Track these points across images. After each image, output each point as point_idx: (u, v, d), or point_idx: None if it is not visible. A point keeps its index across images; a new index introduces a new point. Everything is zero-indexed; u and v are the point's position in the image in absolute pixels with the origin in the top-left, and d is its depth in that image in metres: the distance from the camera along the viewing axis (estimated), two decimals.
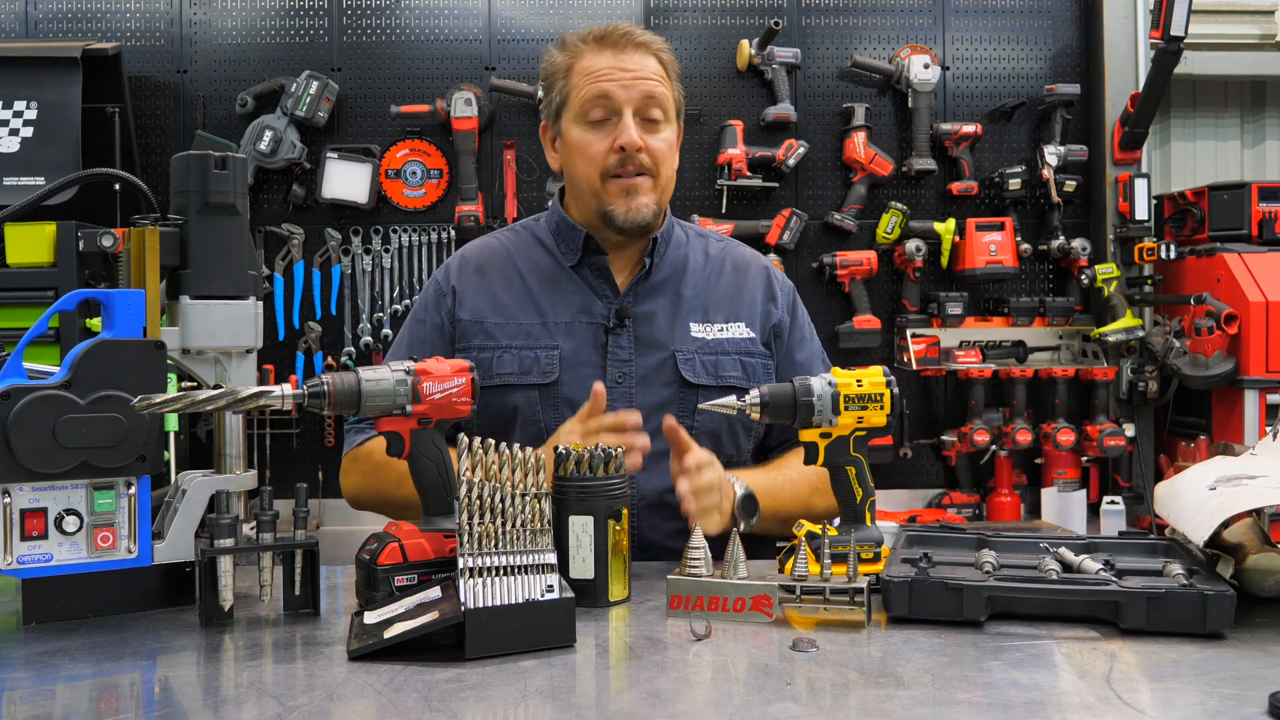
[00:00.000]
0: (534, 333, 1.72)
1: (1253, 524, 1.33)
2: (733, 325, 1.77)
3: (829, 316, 3.56)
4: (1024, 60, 3.66)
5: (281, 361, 3.40)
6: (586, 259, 1.76)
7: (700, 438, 1.68)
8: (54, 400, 1.23)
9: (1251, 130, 4.24)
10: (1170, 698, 0.99)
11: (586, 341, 1.72)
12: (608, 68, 1.67)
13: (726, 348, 1.75)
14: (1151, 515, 3.27)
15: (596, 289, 1.75)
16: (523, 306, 1.75)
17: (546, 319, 1.73)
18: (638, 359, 1.71)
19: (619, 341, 1.71)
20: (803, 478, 1.68)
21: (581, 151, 1.70)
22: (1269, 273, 3.19)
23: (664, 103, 1.70)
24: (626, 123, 1.66)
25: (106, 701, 1.02)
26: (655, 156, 1.69)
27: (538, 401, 1.69)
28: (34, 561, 1.23)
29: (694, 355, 1.72)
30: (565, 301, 1.74)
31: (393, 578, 1.26)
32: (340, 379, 1.25)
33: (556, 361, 1.70)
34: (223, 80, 3.50)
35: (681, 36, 3.57)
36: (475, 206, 3.40)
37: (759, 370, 1.77)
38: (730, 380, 1.72)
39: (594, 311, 1.73)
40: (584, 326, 1.72)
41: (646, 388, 1.70)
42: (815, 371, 1.78)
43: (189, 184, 1.35)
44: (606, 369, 1.70)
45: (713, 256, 1.84)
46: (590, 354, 1.71)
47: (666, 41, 1.76)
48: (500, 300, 1.76)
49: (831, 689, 1.02)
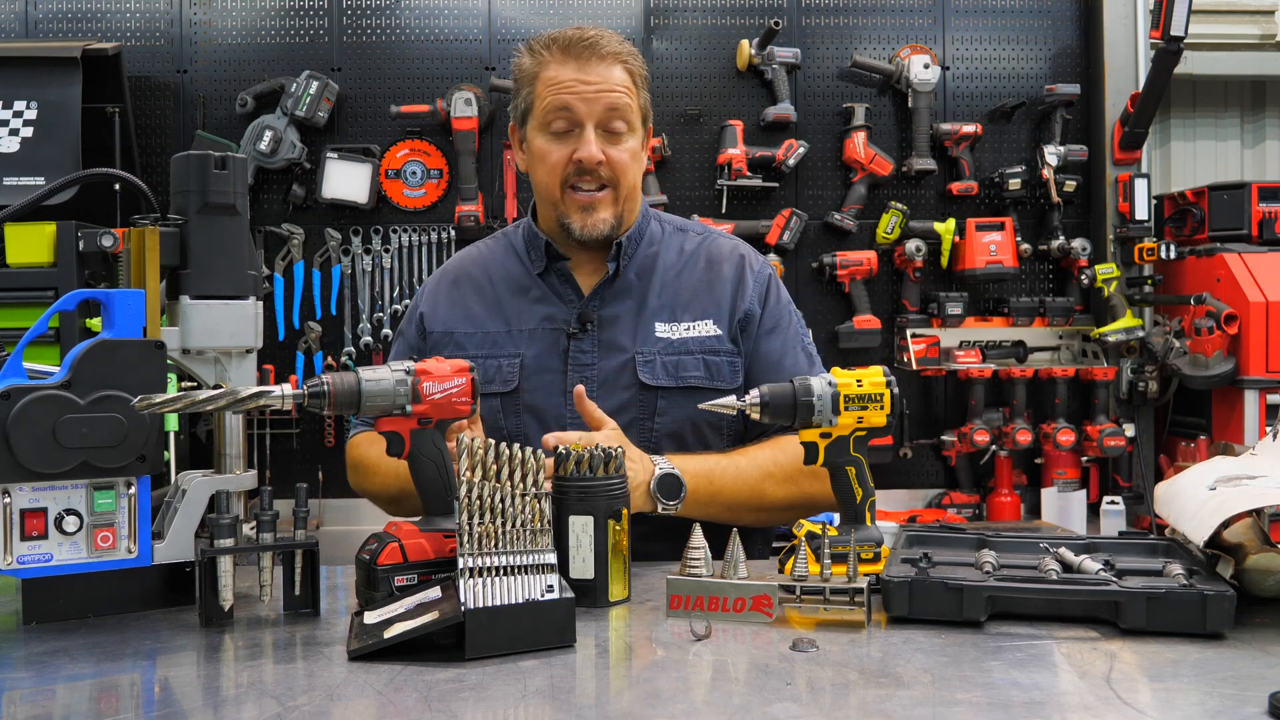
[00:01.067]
0: (499, 341, 1.74)
1: (1253, 524, 1.33)
2: (700, 323, 1.74)
3: (829, 316, 3.56)
4: (1024, 60, 3.66)
5: (281, 361, 3.40)
6: (551, 265, 1.76)
7: (661, 440, 1.68)
8: (54, 400, 1.23)
9: (1251, 130, 4.24)
10: (1170, 698, 0.99)
11: (548, 347, 1.72)
12: (571, 80, 1.66)
13: (690, 347, 1.72)
14: (1151, 515, 3.27)
15: (561, 294, 1.75)
16: (491, 315, 1.76)
17: (512, 326, 1.75)
18: (600, 362, 1.71)
19: (581, 346, 1.71)
20: (754, 464, 1.64)
21: (543, 160, 1.70)
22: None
23: (628, 113, 1.69)
24: (587, 137, 1.66)
25: (106, 701, 1.02)
26: (616, 168, 1.68)
27: (499, 409, 1.70)
28: (34, 561, 1.23)
29: (655, 357, 1.71)
30: (530, 309, 1.75)
31: (393, 578, 1.26)
32: (340, 379, 1.25)
33: (517, 369, 1.71)
34: (223, 80, 3.50)
35: (681, 36, 3.57)
36: (475, 206, 3.40)
37: (724, 368, 1.73)
38: (691, 381, 1.70)
39: (556, 317, 1.74)
40: (547, 333, 1.73)
41: (607, 391, 1.69)
42: (790, 360, 1.76)
43: (189, 184, 1.35)
44: (568, 374, 1.70)
45: (687, 252, 1.81)
46: (552, 360, 1.71)
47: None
48: (471, 310, 1.78)
49: (831, 689, 1.02)
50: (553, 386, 1.70)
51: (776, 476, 1.64)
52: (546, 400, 1.69)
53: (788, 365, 1.74)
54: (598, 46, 1.67)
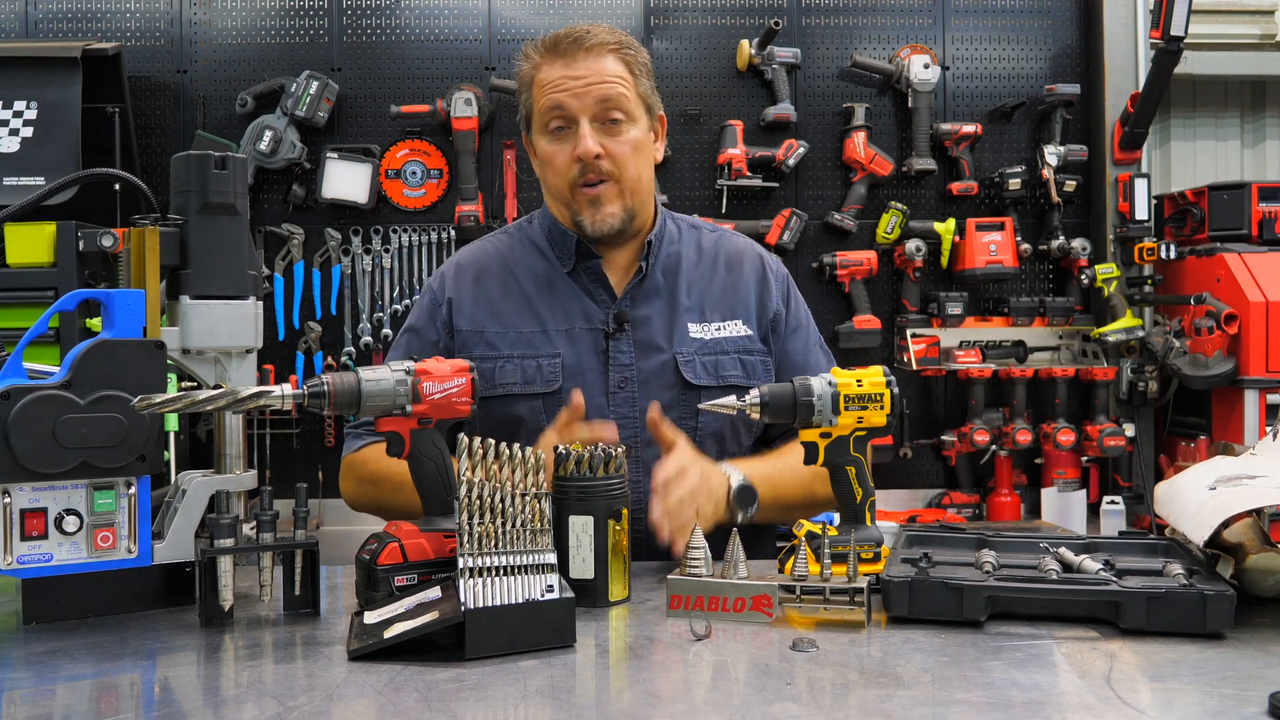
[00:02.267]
0: (535, 341, 1.72)
1: (1253, 524, 1.33)
2: (730, 324, 1.76)
3: (829, 316, 3.56)
4: (1024, 60, 3.66)
5: (281, 361, 3.40)
6: (581, 263, 1.75)
7: (705, 439, 1.68)
8: (54, 400, 1.23)
9: (1251, 130, 4.24)
10: (1170, 698, 0.99)
11: (587, 348, 1.71)
12: (560, 78, 1.65)
13: (725, 347, 1.74)
14: (1151, 515, 3.27)
15: (593, 294, 1.74)
16: (521, 314, 1.74)
17: (546, 326, 1.72)
18: (638, 363, 1.71)
19: (619, 346, 1.71)
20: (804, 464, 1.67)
21: (549, 163, 1.70)
22: (1269, 273, 3.19)
23: (623, 103, 1.67)
24: (582, 132, 1.65)
25: (106, 701, 1.02)
26: (617, 160, 1.67)
27: (542, 410, 1.68)
28: (34, 561, 1.23)
29: (694, 356, 1.72)
30: (563, 307, 1.74)
31: (393, 578, 1.26)
32: (340, 379, 1.25)
33: (559, 369, 1.69)
34: (223, 80, 3.50)
35: (681, 36, 3.57)
36: (475, 206, 3.40)
37: (759, 368, 1.76)
38: (731, 380, 1.71)
39: (592, 317, 1.73)
40: (584, 333, 1.72)
41: (648, 391, 1.69)
42: (813, 359, 1.79)
43: (189, 184, 1.35)
44: (609, 374, 1.70)
45: (706, 250, 1.82)
46: (591, 360, 1.70)
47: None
48: (499, 308, 1.75)
49: (831, 689, 1.02)
50: (594, 387, 1.68)
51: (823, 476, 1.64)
52: (589, 401, 1.63)
53: (811, 364, 1.77)
54: (583, 40, 1.66)
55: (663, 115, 1.79)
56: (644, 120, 1.71)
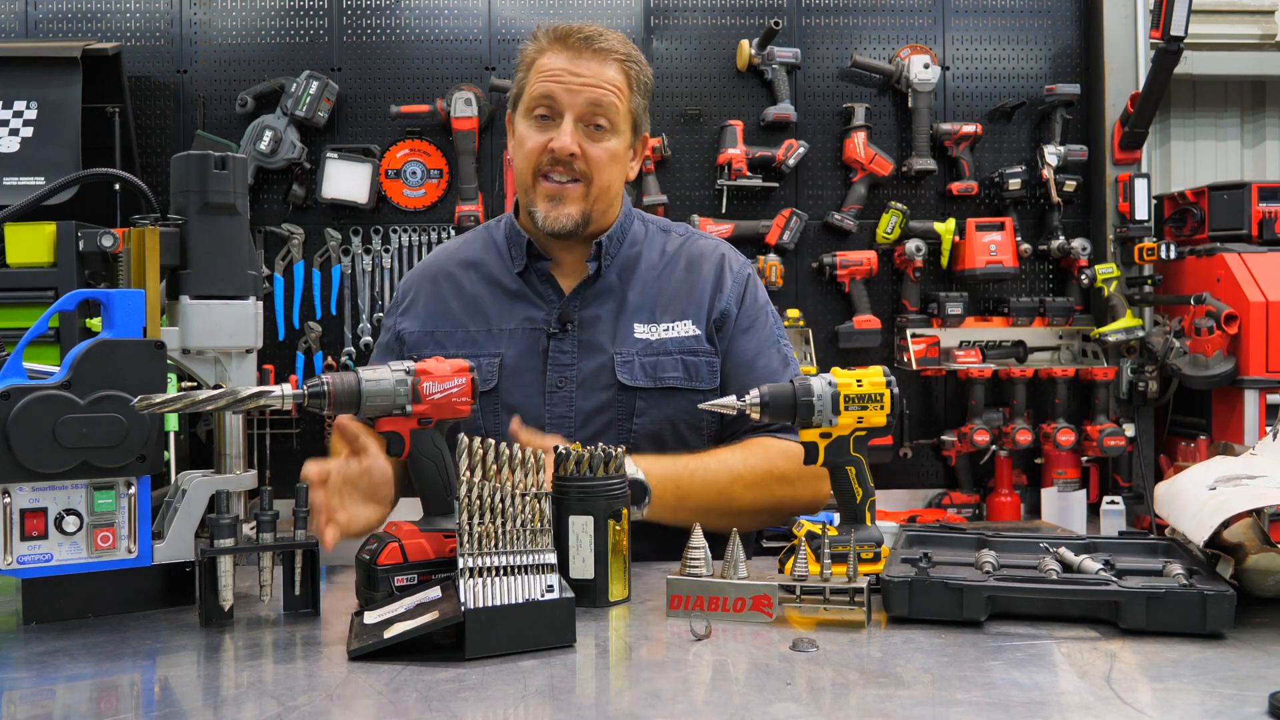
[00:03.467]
0: (479, 340, 1.74)
1: (1253, 524, 1.33)
2: (679, 324, 1.74)
3: (829, 316, 3.56)
4: (1024, 60, 3.66)
5: (281, 361, 3.39)
6: (532, 264, 1.76)
7: (641, 440, 1.68)
8: (54, 400, 1.23)
9: (1251, 130, 4.24)
10: (1170, 698, 0.99)
11: (529, 347, 1.72)
12: (560, 69, 1.66)
13: (670, 348, 1.72)
14: (1151, 515, 3.27)
15: (542, 294, 1.75)
16: (470, 314, 1.76)
17: (492, 325, 1.74)
18: (580, 363, 1.71)
19: (561, 346, 1.71)
20: (724, 466, 1.62)
21: (521, 145, 1.71)
22: (1269, 273, 3.19)
23: (611, 113, 1.67)
24: (564, 127, 1.65)
25: (106, 701, 1.02)
26: (591, 164, 1.67)
27: (479, 408, 1.67)
28: (34, 561, 1.23)
29: (634, 358, 1.70)
30: (510, 308, 1.75)
31: (393, 578, 1.26)
32: (340, 379, 1.25)
33: (496, 369, 1.71)
34: (223, 80, 3.50)
35: (681, 36, 3.57)
36: (475, 206, 3.40)
37: (702, 369, 1.72)
38: (669, 381, 1.70)
39: (537, 318, 1.74)
40: (527, 332, 1.73)
41: (586, 392, 1.69)
42: (763, 360, 1.75)
43: (189, 184, 1.35)
44: (547, 374, 1.70)
45: (669, 253, 1.80)
46: (532, 360, 1.71)
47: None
48: (450, 307, 1.78)
49: (831, 689, 1.02)
50: (532, 387, 1.70)
51: (746, 480, 1.62)
52: (525, 400, 1.68)
53: (760, 365, 1.74)
54: (593, 41, 1.67)
55: (647, 135, 1.80)
56: (627, 135, 1.72)
